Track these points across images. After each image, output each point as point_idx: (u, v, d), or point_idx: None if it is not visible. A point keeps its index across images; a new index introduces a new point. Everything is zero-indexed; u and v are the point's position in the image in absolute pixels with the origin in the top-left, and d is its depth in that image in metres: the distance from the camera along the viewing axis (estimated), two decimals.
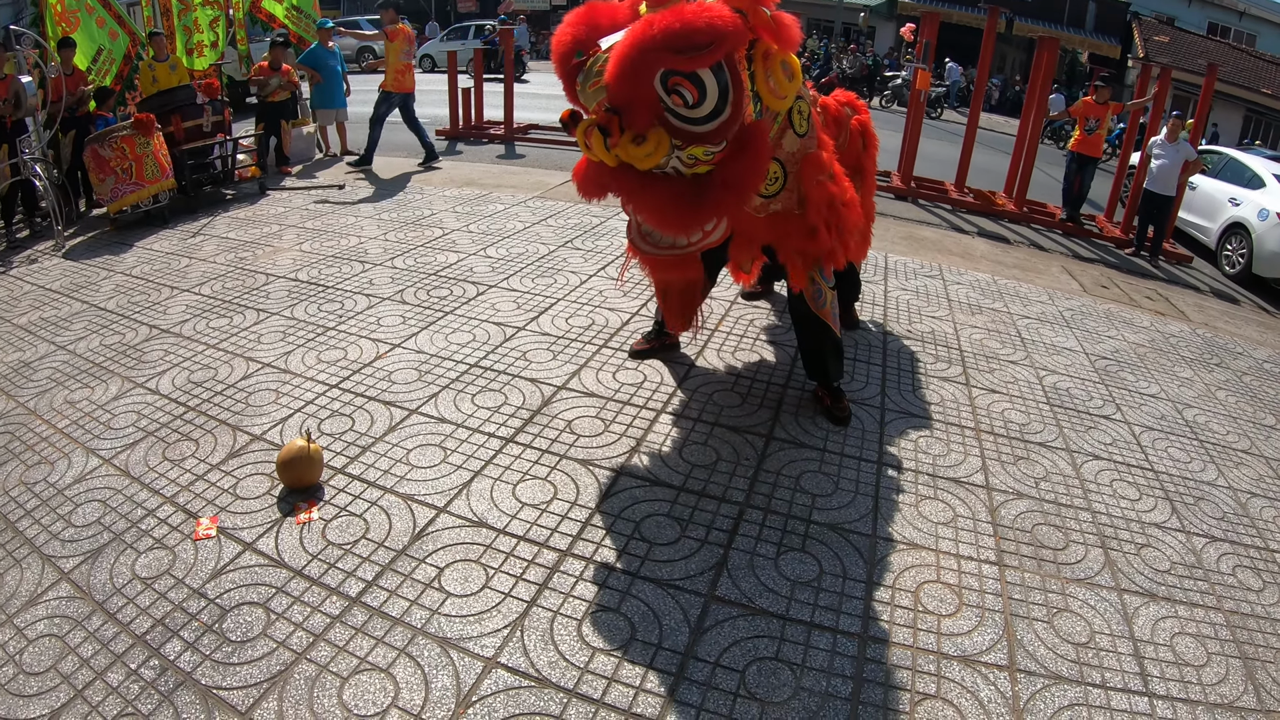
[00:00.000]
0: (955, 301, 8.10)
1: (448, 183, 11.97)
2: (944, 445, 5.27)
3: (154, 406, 5.31)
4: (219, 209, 10.52)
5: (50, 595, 3.69)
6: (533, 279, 7.63)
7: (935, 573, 4.04)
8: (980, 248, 10.80)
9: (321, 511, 4.21)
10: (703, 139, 3.98)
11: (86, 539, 4.05)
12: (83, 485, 4.50)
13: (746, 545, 4.09)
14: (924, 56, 13.57)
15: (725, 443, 5.02)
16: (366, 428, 5.01)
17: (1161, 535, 4.64)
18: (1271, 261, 12.20)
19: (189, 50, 12.90)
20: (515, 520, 4.16)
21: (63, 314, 6.99)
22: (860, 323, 7.05)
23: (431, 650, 3.33)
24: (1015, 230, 12.59)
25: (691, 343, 6.37)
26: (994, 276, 9.31)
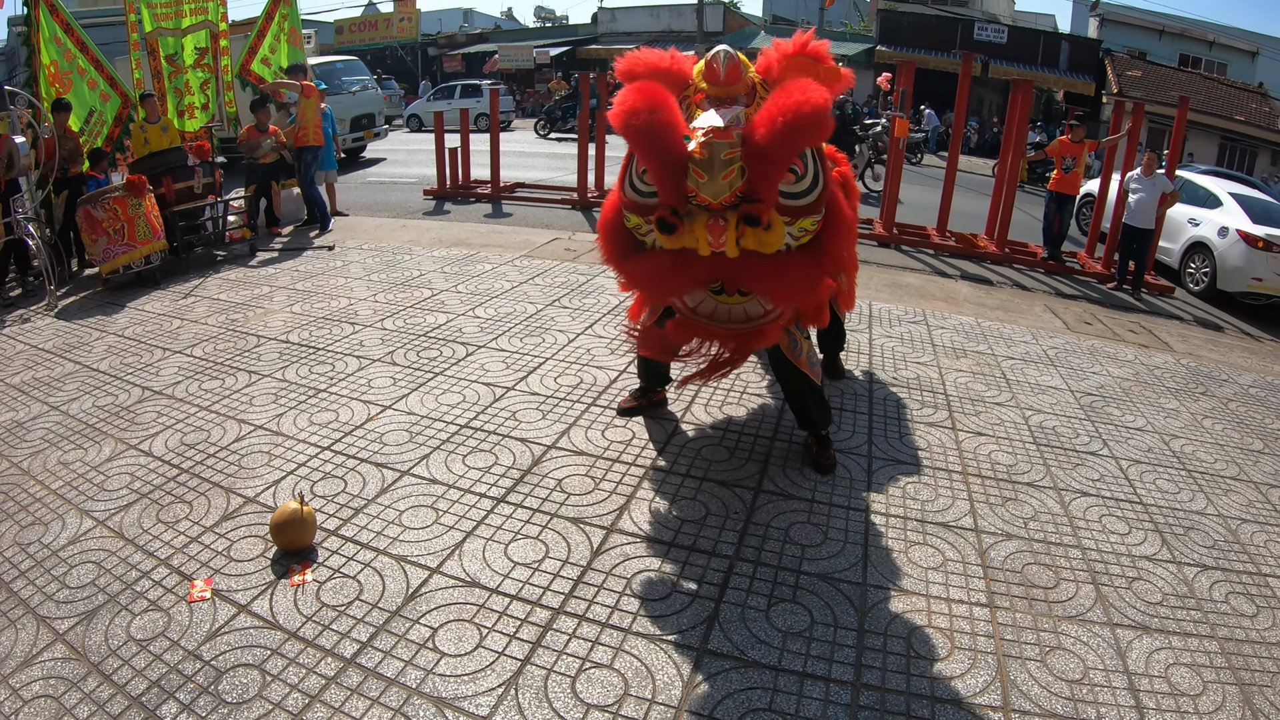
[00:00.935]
0: (940, 346, 8.18)
1: (436, 243, 12.05)
2: (932, 490, 5.31)
3: (147, 468, 5.35)
4: (210, 270, 10.61)
5: (45, 656, 3.71)
6: (521, 338, 7.69)
7: (927, 618, 4.07)
8: (963, 291, 10.91)
9: (315, 573, 4.24)
10: (808, 211, 4.16)
11: (81, 600, 4.08)
12: (77, 547, 4.53)
13: (737, 598, 4.12)
14: (901, 104, 13.75)
15: (714, 497, 5.06)
16: (359, 490, 5.04)
17: (1152, 567, 4.68)
18: (1234, 276, 12.94)
19: (180, 112, 13.08)
20: (508, 580, 4.19)
21: (55, 374, 7.04)
22: (846, 373, 7.11)
23: (426, 710, 3.35)
24: (998, 271, 12.70)
25: (679, 398, 6.44)
26: (977, 319, 9.40)
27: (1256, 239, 12.84)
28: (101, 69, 11.96)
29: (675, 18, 45.83)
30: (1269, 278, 12.72)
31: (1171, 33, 41.43)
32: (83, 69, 11.67)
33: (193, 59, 13.25)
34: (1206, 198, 14.42)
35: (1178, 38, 41.45)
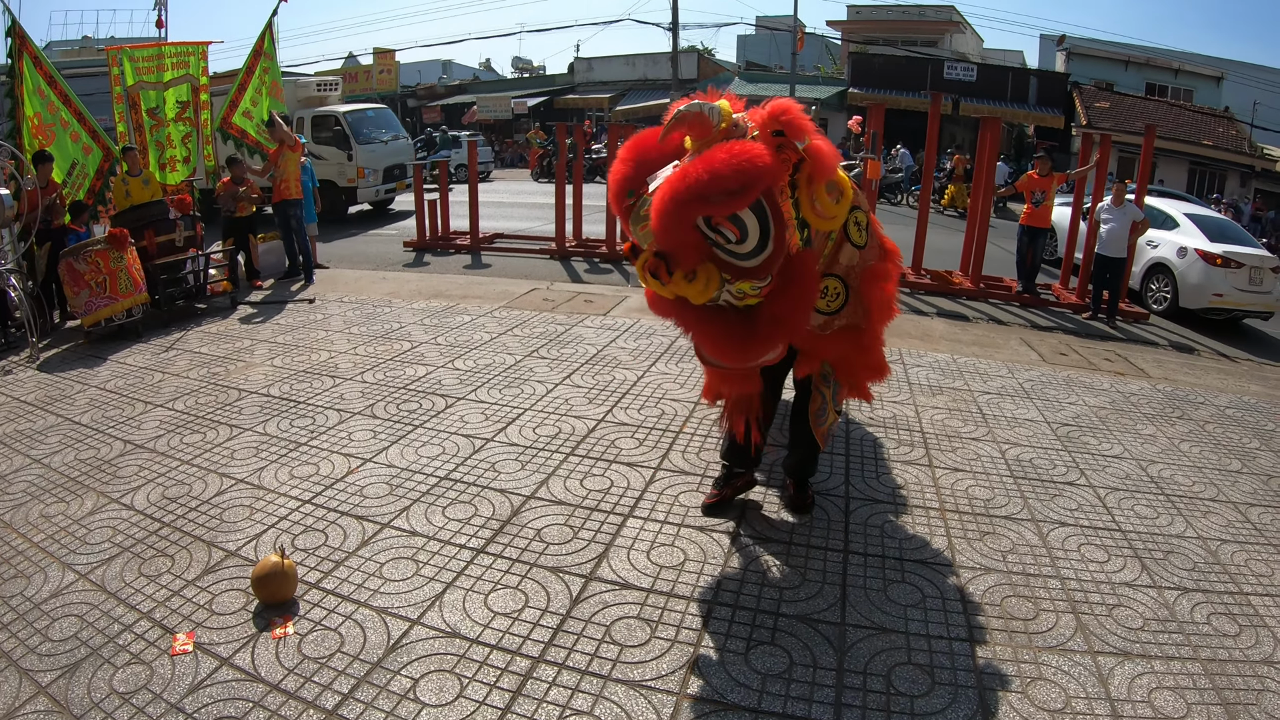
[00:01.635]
0: (915, 384, 8.28)
1: (416, 295, 12.12)
2: (909, 528, 5.38)
3: (129, 522, 5.38)
4: (191, 323, 10.68)
5: (28, 709, 3.73)
6: (500, 390, 7.75)
7: (906, 654, 4.11)
8: (939, 328, 11.02)
9: (297, 626, 4.27)
10: (750, 274, 4.09)
11: (64, 654, 4.10)
12: (59, 600, 4.55)
13: (716, 642, 4.16)
14: (873, 146, 13.92)
15: (692, 542, 5.11)
16: (340, 542, 5.08)
17: (1132, 593, 4.73)
18: (1195, 294, 13.70)
19: (162, 165, 13.13)
20: (488, 630, 4.23)
21: (37, 427, 7.07)
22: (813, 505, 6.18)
23: None
24: (973, 307, 12.87)
25: (655, 447, 6.50)
26: (953, 355, 9.51)
27: (1215, 256, 13.70)
28: (84, 121, 12.01)
29: (650, 66, 46.30)
30: (1229, 293, 13.56)
31: (1137, 63, 42.37)
32: (65, 121, 11.73)
33: (174, 112, 13.34)
34: (1163, 220, 15.02)
35: (1143, 67, 42.41)
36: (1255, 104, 39.00)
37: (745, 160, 3.84)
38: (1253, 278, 13.63)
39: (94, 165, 12.13)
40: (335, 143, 21.81)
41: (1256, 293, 13.66)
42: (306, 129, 21.43)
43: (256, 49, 14.05)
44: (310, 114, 22.00)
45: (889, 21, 48.78)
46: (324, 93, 23.53)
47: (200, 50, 13.75)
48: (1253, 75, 40.48)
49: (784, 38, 45.50)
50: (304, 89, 23.04)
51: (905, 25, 48.41)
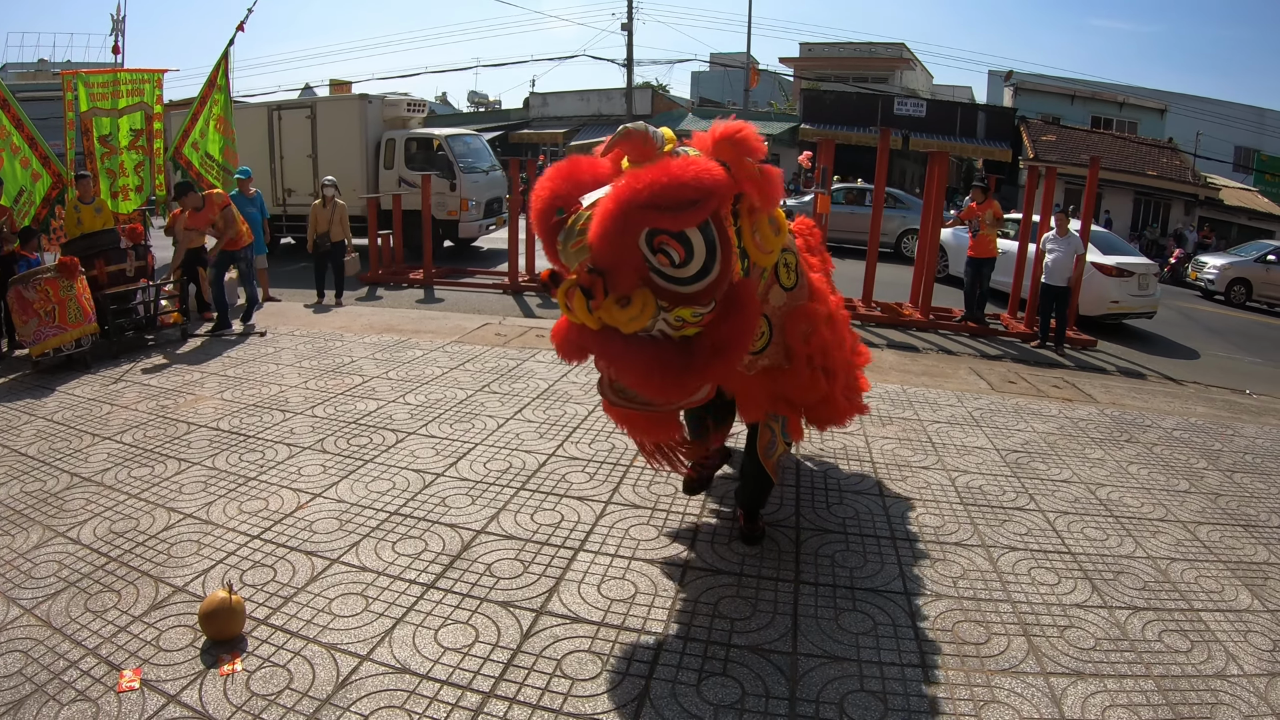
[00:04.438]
0: (865, 416, 8.23)
1: (368, 329, 12.11)
2: (860, 557, 5.44)
3: (75, 556, 5.32)
4: (141, 355, 10.58)
5: None
6: (451, 424, 7.75)
7: (859, 682, 4.15)
8: (889, 359, 11.16)
9: (245, 663, 4.24)
10: (691, 300, 3.97)
11: (8, 689, 4.05)
12: (4, 635, 4.49)
13: (668, 674, 4.18)
14: (823, 181, 14.07)
15: (643, 575, 5.14)
16: (289, 578, 5.05)
17: (1083, 614, 4.80)
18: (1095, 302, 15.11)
19: (114, 193, 13.04)
20: (438, 665, 4.22)
21: None
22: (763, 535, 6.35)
23: None
24: (923, 338, 13.08)
25: (606, 480, 6.54)
26: (903, 386, 9.63)
27: (1110, 268, 15.08)
28: (36, 147, 11.92)
29: (605, 102, 46.55)
30: (1124, 299, 15.29)
31: (1083, 97, 43.52)
32: (16, 146, 11.62)
33: (127, 140, 13.28)
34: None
35: (1089, 101, 43.60)
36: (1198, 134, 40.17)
37: (703, 171, 3.82)
38: (1141, 283, 15.40)
39: (41, 192, 12.02)
40: (430, 168, 19.74)
41: (1144, 296, 15.53)
42: (398, 152, 20.67)
43: (210, 79, 14.00)
44: (403, 136, 21.03)
45: (840, 59, 49.64)
46: (412, 114, 22.68)
47: (156, 78, 13.73)
48: (1195, 107, 41.75)
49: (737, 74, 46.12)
50: (392, 108, 22.04)
51: (856, 62, 49.23)
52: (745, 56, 44.37)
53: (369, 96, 21.51)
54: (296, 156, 21.16)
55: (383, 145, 20.88)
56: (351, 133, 20.87)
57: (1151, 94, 43.73)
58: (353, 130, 20.86)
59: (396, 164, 20.51)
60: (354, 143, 20.77)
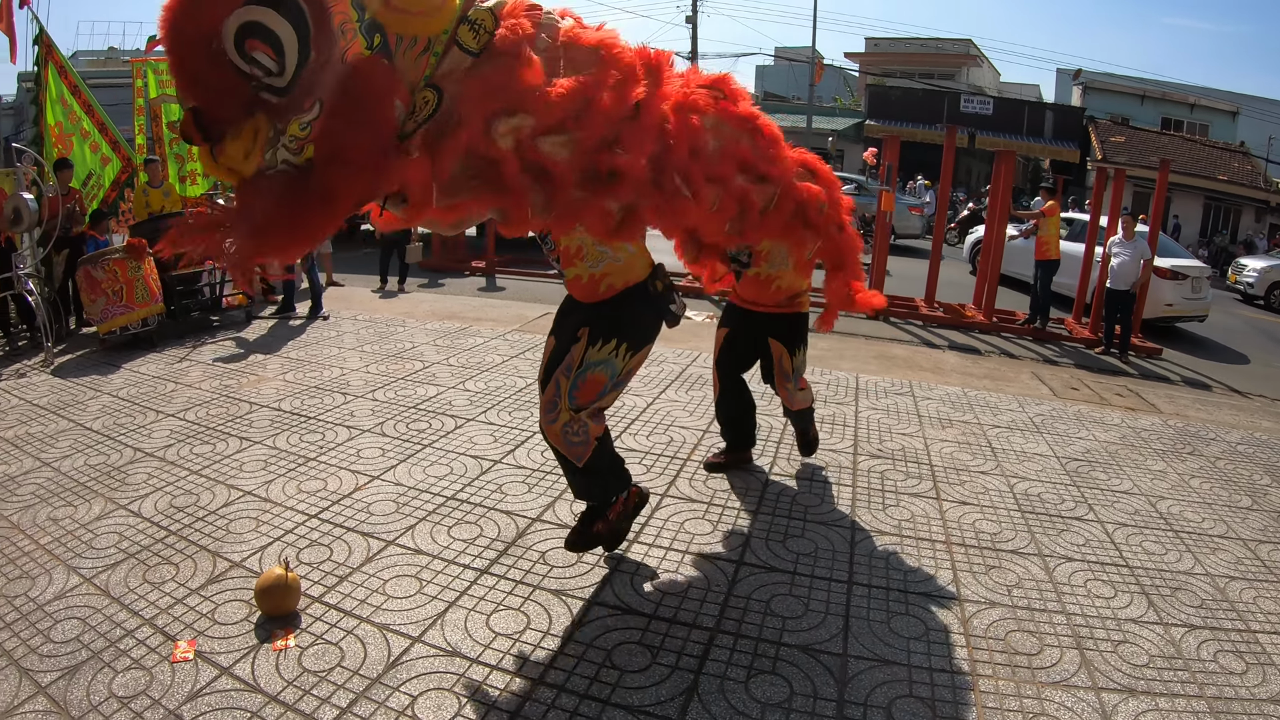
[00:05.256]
0: (925, 417, 8.25)
1: (430, 316, 12.18)
2: (915, 560, 5.34)
3: (136, 529, 5.40)
4: (206, 335, 10.74)
5: (27, 708, 3.76)
6: (510, 412, 7.77)
7: (908, 687, 4.08)
8: (951, 361, 11.02)
9: (298, 639, 4.28)
10: (291, 111, 3.08)
11: (65, 655, 4.12)
12: (63, 602, 4.57)
13: (717, 670, 4.14)
14: (888, 179, 13.95)
15: (696, 569, 5.10)
16: (344, 558, 5.09)
17: (1138, 629, 4.68)
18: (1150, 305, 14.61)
19: (182, 178, 13.23)
20: (488, 650, 4.23)
21: (49, 431, 7.11)
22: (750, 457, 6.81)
23: None
24: (986, 340, 12.89)
25: (663, 473, 6.50)
26: (964, 389, 9.49)
27: (1165, 270, 14.92)
28: (105, 132, 12.16)
29: None
30: (1178, 302, 15.33)
31: (1153, 97, 42.36)
32: (86, 131, 11.87)
33: None
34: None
35: (1159, 101, 42.51)
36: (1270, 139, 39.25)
37: None
38: (1194, 286, 15.45)
39: (110, 176, 12.27)
40: None
41: (1197, 299, 15.57)
42: None
43: None
44: None
45: (906, 54, 48.92)
46: None
47: None
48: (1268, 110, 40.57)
49: (802, 69, 45.56)
50: None
51: (922, 58, 48.56)
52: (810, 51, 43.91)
53: None
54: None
55: None
56: None
57: (1224, 96, 42.74)
58: None
59: None
60: None
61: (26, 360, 9.62)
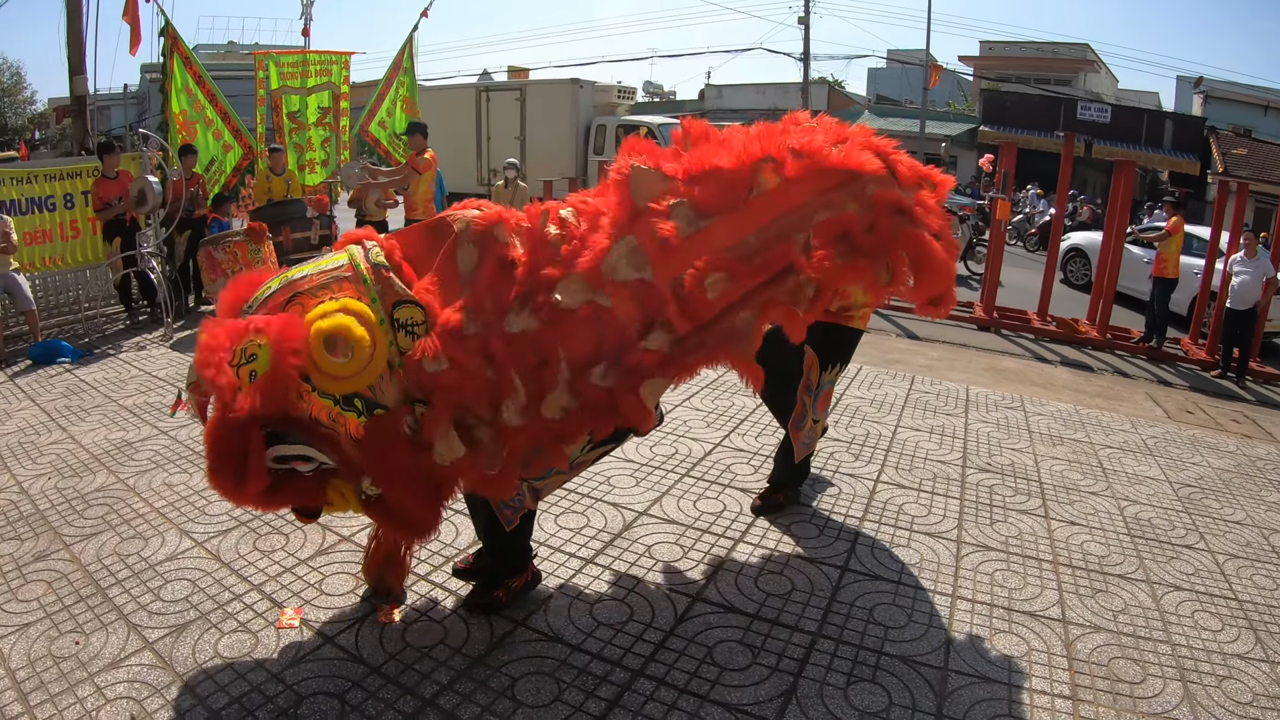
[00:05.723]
0: (1036, 433, 8.05)
1: None
2: (1020, 578, 5.20)
3: None
4: None
5: (133, 661, 3.89)
6: None
7: (1006, 706, 3.98)
8: (1063, 377, 10.72)
9: (403, 615, 4.34)
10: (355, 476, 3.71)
11: (173, 614, 4.26)
12: (174, 564, 4.73)
13: (817, 674, 4.09)
14: (1003, 186, 13.69)
15: (800, 573, 5.04)
16: (452, 539, 5.15)
17: (1244, 665, 4.48)
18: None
19: (301, 166, 13.52)
20: (590, 638, 4.23)
21: (167, 401, 7.34)
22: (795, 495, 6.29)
23: None
24: (1099, 357, 12.38)
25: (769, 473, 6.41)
26: (1076, 406, 9.21)
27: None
28: (228, 120, 12.53)
29: (781, 96, 45.72)
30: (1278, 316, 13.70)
31: (1278, 108, 40.31)
32: (209, 119, 12.25)
33: (315, 117, 13.82)
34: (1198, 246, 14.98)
35: None
36: None
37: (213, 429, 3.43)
38: None
39: (231, 163, 12.65)
40: None
41: None
42: (608, 138, 20.91)
43: (396, 62, 14.54)
44: (613, 122, 21.36)
45: (1022, 58, 47.52)
46: (621, 100, 22.96)
47: (343, 60, 14.27)
48: None
49: (915, 72, 44.63)
50: (603, 94, 22.40)
51: (1038, 62, 47.16)
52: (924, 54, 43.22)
53: (580, 81, 21.73)
54: (504, 138, 21.54)
55: (593, 130, 21.15)
56: (562, 117, 21.15)
57: None
58: (563, 114, 21.15)
59: (606, 150, 20.51)
60: (564, 127, 21.07)
61: (146, 334, 10.01)
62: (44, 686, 3.74)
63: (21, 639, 4.09)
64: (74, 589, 4.53)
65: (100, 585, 4.54)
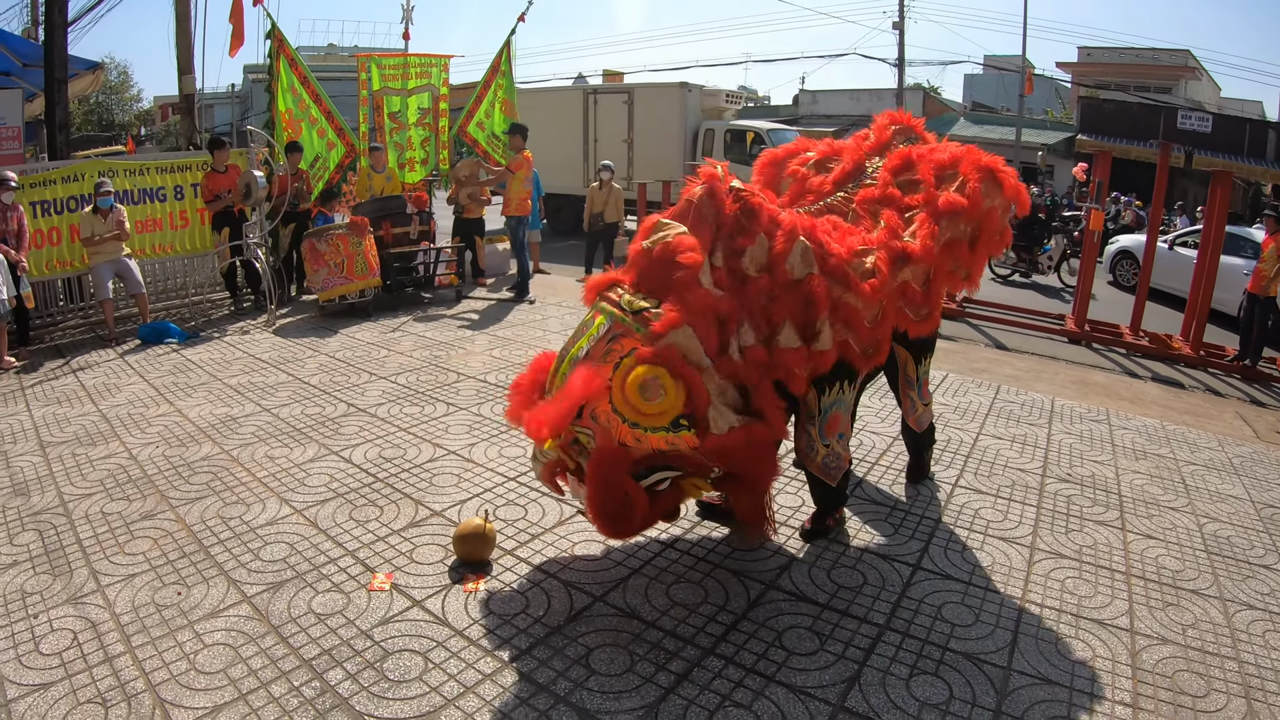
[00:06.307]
0: (1120, 447, 7.91)
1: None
2: (1091, 587, 5.18)
3: (346, 473, 5.84)
4: (418, 309, 11.42)
5: (231, 612, 4.21)
6: None
7: (1066, 709, 4.00)
8: (1152, 393, 10.38)
9: (488, 585, 4.57)
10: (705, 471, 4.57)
11: (271, 572, 4.59)
12: (274, 528, 5.06)
13: (881, 664, 4.18)
14: (1097, 196, 13.49)
15: (873, 568, 5.14)
16: (538, 518, 5.36)
17: None
18: None
19: (401, 165, 13.88)
20: (665, 616, 4.40)
21: (269, 381, 7.72)
22: (931, 475, 6.77)
23: (569, 717, 3.60)
24: (1191, 375, 11.88)
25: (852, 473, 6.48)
26: (1163, 422, 8.95)
27: None
28: (332, 119, 12.96)
29: (875, 102, 44.80)
30: None
31: None
32: (314, 118, 12.68)
33: (415, 118, 14.14)
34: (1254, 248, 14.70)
35: None
36: None
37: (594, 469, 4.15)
38: None
39: (335, 160, 13.07)
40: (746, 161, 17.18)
41: None
42: (717, 142, 20.94)
43: (494, 65, 14.79)
44: (721, 126, 21.38)
45: (1121, 65, 45.99)
46: (729, 104, 22.99)
47: (443, 63, 14.60)
48: None
49: (1011, 79, 43.74)
50: (710, 98, 22.34)
51: (1138, 69, 45.58)
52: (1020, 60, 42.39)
53: (688, 85, 21.67)
54: (612, 140, 21.56)
55: (700, 134, 21.10)
56: (670, 120, 21.13)
57: None
58: (672, 118, 21.13)
59: (714, 154, 20.23)
60: (673, 130, 21.03)
61: (250, 320, 10.47)
62: (146, 630, 4.09)
63: (127, 588, 4.46)
64: (178, 546, 4.90)
65: (203, 544, 4.89)
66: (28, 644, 3.99)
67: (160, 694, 3.63)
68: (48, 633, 4.08)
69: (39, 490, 5.69)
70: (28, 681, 3.71)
